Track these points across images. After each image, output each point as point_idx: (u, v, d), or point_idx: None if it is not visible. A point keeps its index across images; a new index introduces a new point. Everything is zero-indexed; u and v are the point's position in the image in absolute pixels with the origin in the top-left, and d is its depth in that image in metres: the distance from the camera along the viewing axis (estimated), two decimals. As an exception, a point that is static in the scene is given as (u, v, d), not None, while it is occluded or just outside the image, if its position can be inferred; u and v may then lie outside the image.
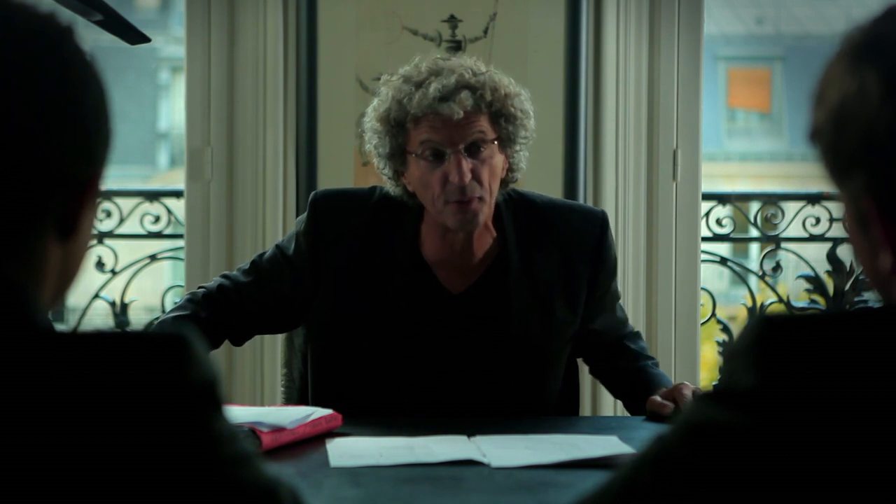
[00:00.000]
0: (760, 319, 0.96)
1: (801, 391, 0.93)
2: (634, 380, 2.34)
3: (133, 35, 2.44)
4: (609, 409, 3.45)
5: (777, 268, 3.79)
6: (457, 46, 3.35)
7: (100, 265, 3.76)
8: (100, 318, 3.85)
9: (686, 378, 3.45)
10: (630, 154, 3.46)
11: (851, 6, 13.78)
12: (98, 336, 0.94)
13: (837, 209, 1.02)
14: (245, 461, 0.96)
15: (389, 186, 2.29)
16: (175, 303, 2.42)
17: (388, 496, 1.75)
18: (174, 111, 15.35)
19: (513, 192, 2.33)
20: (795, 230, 3.76)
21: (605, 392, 3.46)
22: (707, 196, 3.63)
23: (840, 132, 0.98)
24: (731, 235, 3.79)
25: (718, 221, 3.73)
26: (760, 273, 3.79)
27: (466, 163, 2.18)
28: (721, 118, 16.14)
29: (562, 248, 2.30)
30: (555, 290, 2.29)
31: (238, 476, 0.95)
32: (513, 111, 2.22)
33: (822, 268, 3.77)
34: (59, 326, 0.97)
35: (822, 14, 15.79)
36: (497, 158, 2.22)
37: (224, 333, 2.33)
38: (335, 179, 3.34)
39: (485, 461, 1.89)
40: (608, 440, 2.04)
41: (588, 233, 2.32)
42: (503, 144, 2.23)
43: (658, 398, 2.21)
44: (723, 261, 3.88)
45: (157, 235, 3.78)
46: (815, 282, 3.77)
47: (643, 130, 3.47)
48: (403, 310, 2.28)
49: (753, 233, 3.92)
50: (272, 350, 3.39)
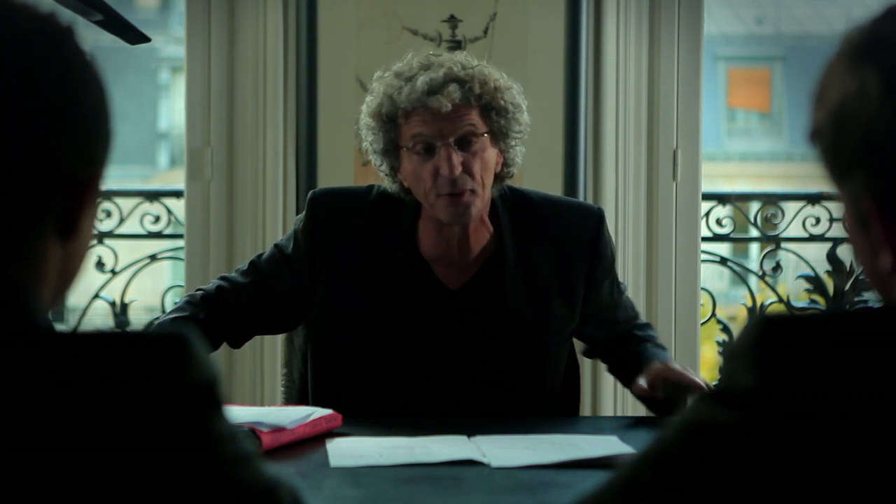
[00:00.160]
0: (760, 319, 0.96)
1: (801, 391, 0.93)
2: (634, 360, 2.33)
3: (133, 35, 2.44)
4: (609, 409, 3.45)
5: (777, 268, 3.79)
6: (457, 46, 3.35)
7: (100, 265, 3.76)
8: (100, 318, 3.85)
9: (686, 378, 3.45)
10: (630, 154, 3.46)
11: (851, 6, 13.78)
12: (98, 336, 0.94)
13: (837, 209, 1.02)
14: (245, 461, 0.96)
15: (386, 183, 2.30)
16: (175, 303, 2.42)
17: (388, 496, 1.75)
18: (174, 111, 15.35)
19: (509, 189, 2.34)
20: (795, 230, 3.76)
21: (605, 392, 3.46)
22: (707, 196, 3.63)
23: (840, 132, 0.98)
24: (731, 235, 3.80)
25: (718, 221, 3.73)
26: (760, 273, 3.79)
27: (457, 156, 2.18)
28: (721, 118, 16.14)
29: (558, 244, 2.30)
30: (551, 286, 2.29)
31: (238, 476, 0.95)
32: (503, 104, 2.22)
33: (822, 268, 3.77)
34: (59, 326, 0.97)
35: (822, 14, 15.79)
36: (489, 152, 2.22)
37: (223, 335, 2.33)
38: (335, 179, 3.34)
39: (485, 461, 1.89)
40: (608, 440, 2.04)
41: (584, 228, 2.32)
42: (495, 138, 2.23)
43: (642, 383, 2.20)
44: (723, 261, 3.88)
45: (157, 235, 3.78)
46: (815, 282, 3.77)
47: (643, 130, 3.47)
48: (402, 307, 2.29)
49: (753, 233, 3.92)
50: (272, 350, 3.39)
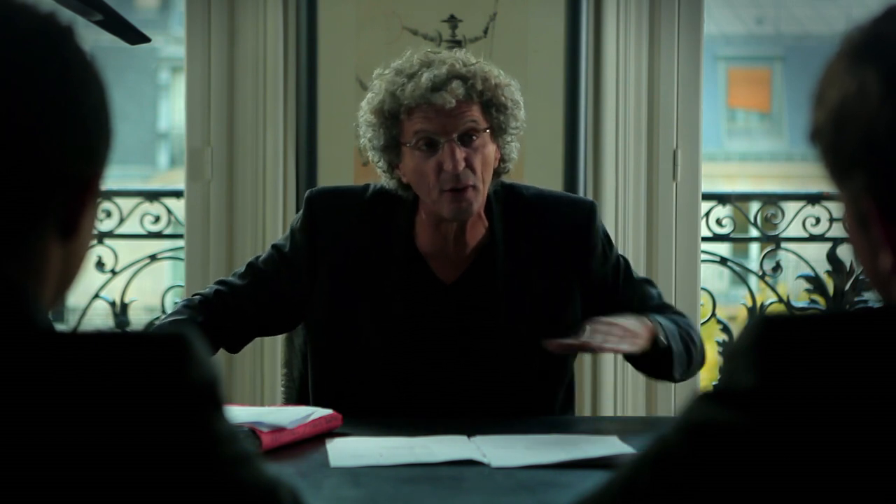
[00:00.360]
0: (760, 319, 0.97)
1: (801, 391, 0.93)
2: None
3: (133, 35, 2.44)
4: (609, 409, 3.45)
5: (777, 268, 3.79)
6: (457, 46, 3.35)
7: (100, 265, 3.76)
8: (100, 318, 3.85)
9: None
10: (630, 154, 3.46)
11: (851, 6, 13.78)
12: (98, 336, 0.94)
13: (837, 209, 1.02)
14: (245, 461, 0.96)
15: (384, 179, 2.32)
16: (175, 303, 2.42)
17: (388, 496, 1.75)
18: (174, 111, 15.35)
19: (501, 184, 2.36)
20: (795, 230, 3.76)
21: (606, 392, 3.46)
22: (707, 196, 3.63)
23: (840, 132, 0.98)
24: (731, 235, 3.79)
25: (718, 221, 3.73)
26: (760, 273, 3.79)
27: (460, 151, 2.21)
28: (721, 118, 16.15)
29: (549, 238, 2.32)
30: (543, 279, 2.30)
31: (238, 476, 0.95)
32: (503, 100, 2.25)
33: (822, 268, 3.76)
34: (59, 326, 0.97)
35: (822, 14, 15.79)
36: (489, 148, 2.25)
37: (221, 338, 2.32)
38: (335, 179, 3.34)
39: (485, 461, 1.89)
40: (608, 440, 2.04)
41: (574, 223, 2.33)
42: (495, 134, 2.26)
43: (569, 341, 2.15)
44: (723, 261, 3.88)
45: (157, 235, 3.78)
46: (815, 282, 3.77)
47: (643, 130, 3.47)
48: (399, 303, 2.30)
49: (753, 233, 3.92)
50: (272, 350, 3.39)
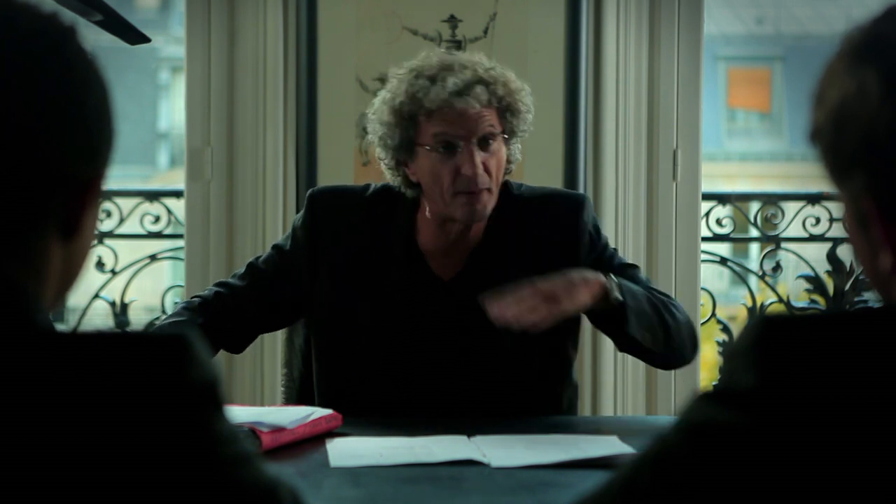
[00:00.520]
0: (760, 319, 0.96)
1: (801, 391, 0.93)
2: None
3: (133, 35, 2.44)
4: (609, 409, 3.45)
5: (777, 268, 3.79)
6: (457, 46, 3.35)
7: (100, 265, 3.76)
8: (100, 318, 3.85)
9: (686, 378, 3.46)
10: (630, 154, 3.46)
11: (851, 6, 13.78)
12: (98, 336, 0.94)
13: (837, 209, 1.02)
14: (245, 461, 0.96)
15: (388, 175, 2.33)
16: (175, 303, 2.42)
17: (388, 496, 1.75)
18: (174, 111, 15.35)
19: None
20: (795, 230, 3.76)
21: (606, 392, 3.46)
22: (707, 196, 3.63)
23: (840, 132, 0.98)
24: (731, 235, 3.79)
25: (718, 221, 3.73)
26: (760, 273, 3.79)
27: (478, 155, 2.23)
28: (721, 118, 16.15)
29: (542, 233, 2.33)
30: (537, 273, 2.30)
31: (238, 476, 0.95)
32: (520, 106, 2.28)
33: (822, 268, 3.76)
34: (59, 326, 0.97)
35: (822, 14, 15.79)
36: (503, 151, 2.28)
37: (222, 339, 2.32)
38: (335, 179, 3.34)
39: (485, 461, 1.89)
40: (608, 440, 2.04)
41: (563, 216, 2.35)
42: (508, 137, 2.28)
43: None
44: (723, 261, 3.88)
45: (157, 235, 3.78)
46: (815, 282, 3.77)
47: (643, 130, 3.47)
48: (400, 302, 2.31)
49: (753, 233, 3.92)
50: (272, 350, 3.39)
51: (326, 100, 3.41)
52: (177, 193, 3.66)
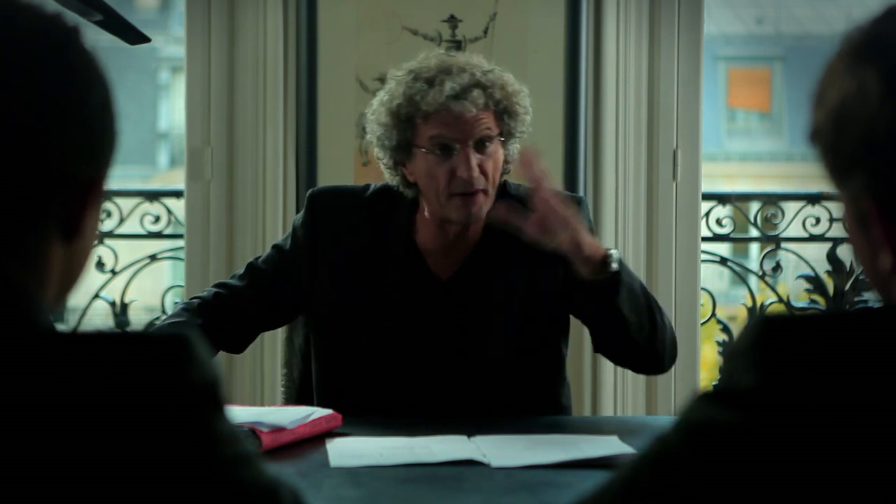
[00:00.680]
0: (760, 319, 0.97)
1: (801, 391, 0.93)
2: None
3: (133, 35, 2.44)
4: (609, 409, 3.45)
5: (777, 268, 3.79)
6: (457, 46, 3.35)
7: (100, 265, 3.76)
8: (100, 318, 3.85)
9: (686, 378, 3.46)
10: (630, 154, 3.46)
11: (851, 6, 13.78)
12: (98, 336, 0.94)
13: (837, 209, 1.02)
14: (246, 461, 0.96)
15: (387, 175, 2.33)
16: (175, 303, 2.43)
17: (388, 496, 1.75)
18: (174, 111, 15.35)
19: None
20: (795, 230, 3.76)
21: (605, 392, 3.46)
22: (707, 196, 3.63)
23: (840, 132, 0.98)
24: (731, 235, 3.79)
25: (718, 221, 3.73)
26: (760, 273, 3.79)
27: (474, 158, 2.24)
28: (721, 118, 16.15)
29: None
30: (534, 274, 2.32)
31: (239, 476, 0.95)
32: (517, 108, 2.28)
33: (822, 268, 3.76)
34: (59, 326, 0.97)
35: (822, 14, 15.79)
36: (500, 153, 2.28)
37: (222, 340, 2.32)
38: (335, 179, 3.34)
39: (485, 461, 1.89)
40: (608, 440, 2.04)
41: None
42: (505, 139, 2.29)
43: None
44: (723, 261, 3.88)
45: (157, 235, 3.78)
46: (815, 282, 3.77)
47: (643, 130, 3.47)
48: (399, 301, 2.31)
49: (753, 233, 3.92)
50: (272, 350, 3.39)
51: (326, 100, 3.41)
52: (177, 193, 3.66)
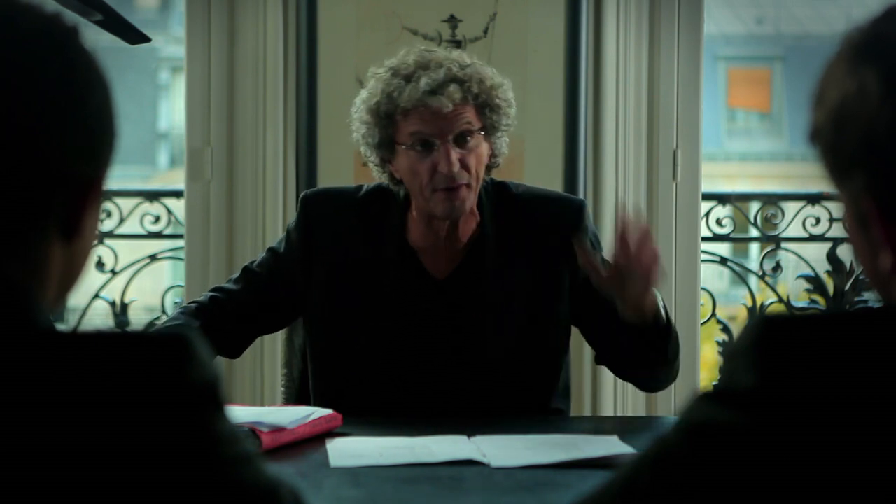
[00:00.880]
0: (760, 319, 0.97)
1: (801, 391, 0.93)
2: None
3: (133, 35, 2.44)
4: (609, 409, 3.45)
5: (777, 268, 3.79)
6: (457, 46, 3.35)
7: (100, 265, 3.76)
8: (100, 318, 3.85)
9: (686, 378, 3.44)
10: (630, 154, 3.46)
11: (851, 6, 13.78)
12: (98, 336, 0.94)
13: (837, 209, 1.02)
14: (246, 461, 0.96)
15: (375, 173, 2.34)
16: (175, 303, 2.43)
17: (388, 496, 1.75)
18: (174, 111, 15.35)
19: (492, 181, 2.39)
20: (795, 230, 3.76)
21: (605, 392, 3.46)
22: (707, 196, 3.63)
23: (840, 132, 0.98)
24: (731, 235, 3.79)
25: (718, 221, 3.73)
26: (760, 273, 3.79)
27: (455, 152, 2.24)
28: (721, 118, 16.14)
29: (539, 235, 2.34)
30: (533, 275, 2.32)
31: (239, 476, 0.95)
32: (498, 102, 2.28)
33: (822, 268, 3.76)
34: (59, 326, 0.97)
35: (822, 14, 15.79)
36: (483, 147, 2.28)
37: (219, 343, 2.31)
38: (335, 179, 3.34)
39: (485, 461, 1.89)
40: (608, 440, 2.04)
41: (565, 220, 2.35)
42: (487, 133, 2.29)
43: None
44: (723, 261, 3.88)
45: (157, 235, 3.78)
46: (815, 282, 3.77)
47: (643, 130, 3.47)
48: (394, 301, 2.31)
49: (753, 233, 3.92)
50: (272, 350, 3.39)
51: (326, 100, 3.41)
52: (177, 193, 3.66)
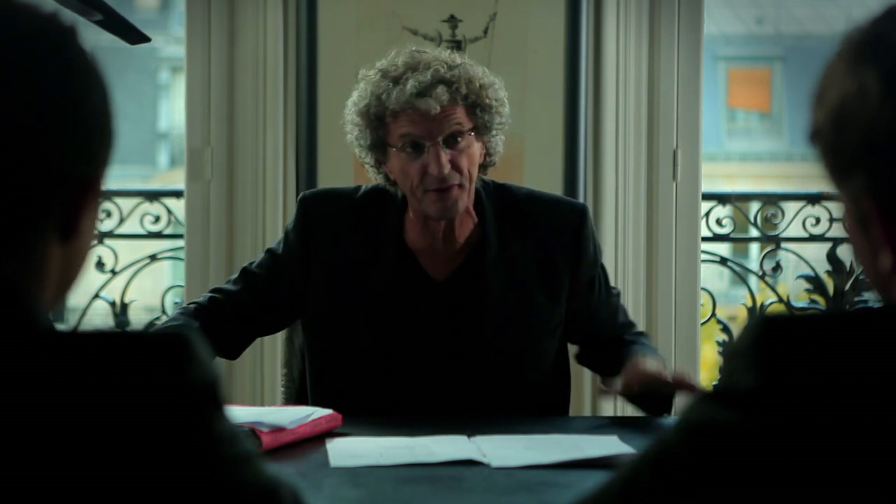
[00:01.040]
0: (760, 319, 0.97)
1: (801, 391, 0.93)
2: (619, 362, 2.31)
3: (133, 35, 2.44)
4: (609, 409, 3.45)
5: (777, 268, 3.79)
6: (457, 46, 3.35)
7: (100, 265, 3.76)
8: (100, 318, 3.85)
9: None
10: (630, 154, 3.46)
11: (851, 6, 13.78)
12: (98, 336, 0.94)
13: (837, 209, 1.02)
14: (246, 461, 0.96)
15: (371, 174, 2.34)
16: (175, 303, 2.43)
17: (388, 496, 1.75)
18: (174, 111, 15.34)
19: (493, 183, 2.38)
20: (795, 230, 3.76)
21: (605, 392, 3.46)
22: (707, 196, 3.63)
23: (840, 132, 0.98)
24: (731, 235, 3.79)
25: (718, 221, 3.73)
26: (760, 273, 3.79)
27: (445, 154, 2.23)
28: (721, 118, 16.14)
29: (540, 238, 2.34)
30: (533, 277, 2.33)
31: (239, 476, 0.95)
32: (488, 101, 2.27)
33: (822, 268, 3.76)
34: (59, 326, 0.97)
35: (822, 14, 15.79)
36: (475, 147, 2.28)
37: (219, 344, 2.31)
38: (335, 179, 3.34)
39: (485, 461, 1.89)
40: (608, 440, 2.04)
41: (567, 223, 2.35)
42: (479, 133, 2.28)
43: (617, 382, 2.21)
44: (723, 261, 3.88)
45: (157, 235, 3.78)
46: (815, 282, 3.77)
47: (643, 130, 3.47)
48: (391, 302, 2.31)
49: (753, 233, 3.92)
50: (272, 350, 3.39)
51: (326, 100, 3.41)
52: (177, 193, 3.66)
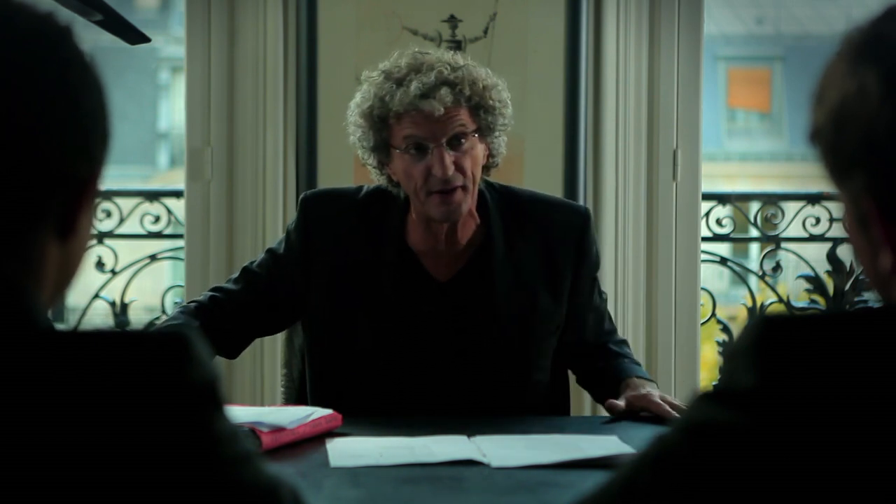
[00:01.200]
0: (760, 319, 0.97)
1: (801, 391, 0.93)
2: (610, 376, 2.35)
3: (133, 35, 2.44)
4: (609, 409, 3.45)
5: (777, 268, 3.79)
6: (457, 46, 3.35)
7: (100, 265, 3.76)
8: (100, 318, 3.85)
9: (686, 378, 3.46)
10: (630, 154, 3.46)
11: (851, 6, 13.78)
12: (98, 336, 0.94)
13: (837, 209, 1.02)
14: (246, 461, 0.96)
15: (373, 175, 2.34)
16: (175, 303, 2.43)
17: (388, 496, 1.75)
18: (174, 111, 15.35)
19: (497, 185, 2.38)
20: (795, 230, 3.76)
21: (605, 392, 3.46)
22: (707, 196, 3.63)
23: (840, 132, 0.98)
24: (731, 235, 3.80)
25: (718, 221, 3.73)
26: (760, 273, 3.79)
27: (448, 156, 2.23)
28: (721, 118, 16.14)
29: (544, 239, 2.34)
30: (537, 278, 2.33)
31: (239, 476, 0.95)
32: (491, 103, 2.27)
33: (822, 268, 3.76)
34: (59, 326, 0.97)
35: (822, 14, 15.79)
36: (478, 148, 2.27)
37: (219, 343, 2.31)
38: (335, 179, 3.34)
39: (485, 461, 1.89)
40: (608, 440, 2.04)
41: (571, 226, 2.36)
42: (483, 134, 2.28)
43: (621, 403, 2.23)
44: (723, 261, 3.88)
45: (157, 235, 3.78)
46: (815, 282, 3.77)
47: (643, 130, 3.47)
48: (394, 302, 2.31)
49: (753, 233, 3.92)
50: (272, 350, 3.39)
51: (326, 100, 3.41)
52: (177, 193, 3.66)
